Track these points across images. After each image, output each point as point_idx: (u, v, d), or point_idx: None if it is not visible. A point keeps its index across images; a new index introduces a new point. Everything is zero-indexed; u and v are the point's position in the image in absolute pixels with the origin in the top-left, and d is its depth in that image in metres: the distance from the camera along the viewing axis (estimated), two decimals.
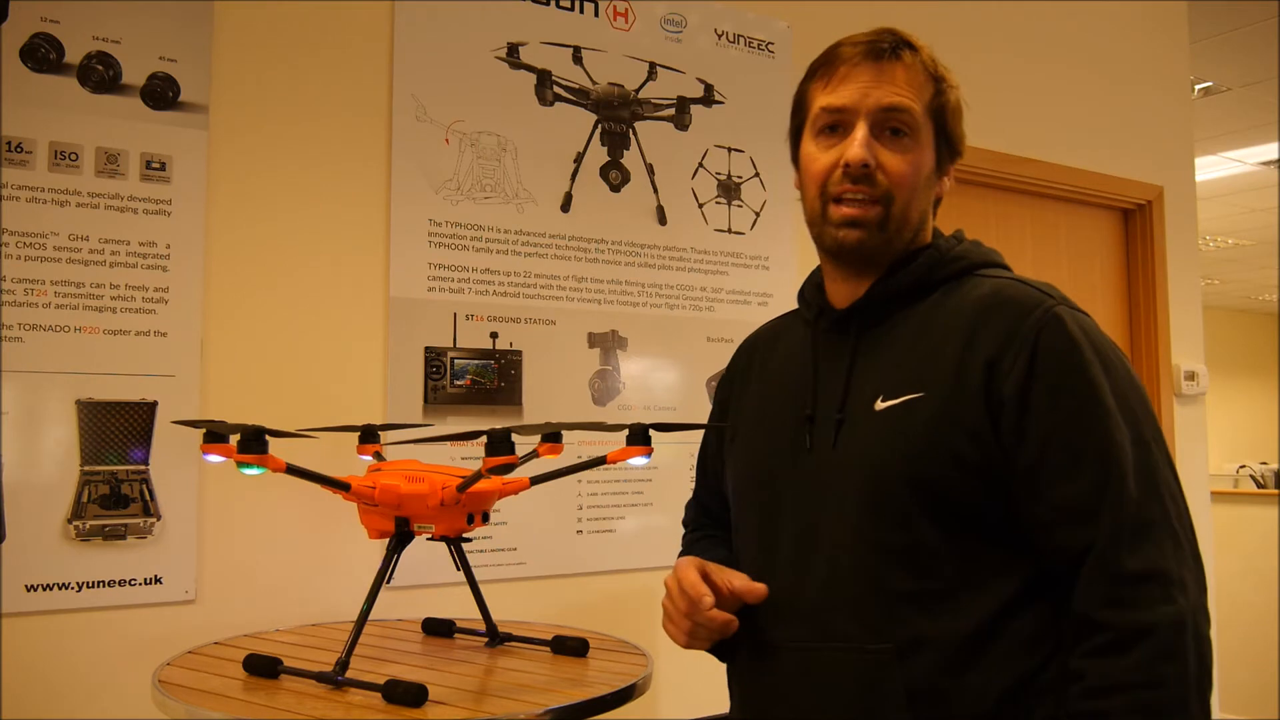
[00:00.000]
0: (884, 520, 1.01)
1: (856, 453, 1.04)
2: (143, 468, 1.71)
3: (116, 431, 1.69)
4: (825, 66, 1.08)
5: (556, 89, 2.17)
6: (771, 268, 2.41)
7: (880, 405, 1.03)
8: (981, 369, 0.99)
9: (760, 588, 1.08)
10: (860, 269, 1.09)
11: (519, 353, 2.08)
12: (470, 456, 1.95)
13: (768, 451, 1.14)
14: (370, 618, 1.34)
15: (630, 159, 2.26)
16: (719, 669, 1.22)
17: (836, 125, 1.06)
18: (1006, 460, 0.98)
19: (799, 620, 1.06)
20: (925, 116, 1.05)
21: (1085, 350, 0.98)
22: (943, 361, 1.01)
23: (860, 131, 1.03)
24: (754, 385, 1.24)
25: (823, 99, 1.07)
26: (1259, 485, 6.75)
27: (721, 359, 2.35)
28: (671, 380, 2.27)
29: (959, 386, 0.99)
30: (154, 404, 1.72)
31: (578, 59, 2.20)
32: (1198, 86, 4.38)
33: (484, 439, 1.26)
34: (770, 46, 2.46)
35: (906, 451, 1.00)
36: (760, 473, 1.15)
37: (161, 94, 1.77)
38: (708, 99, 2.36)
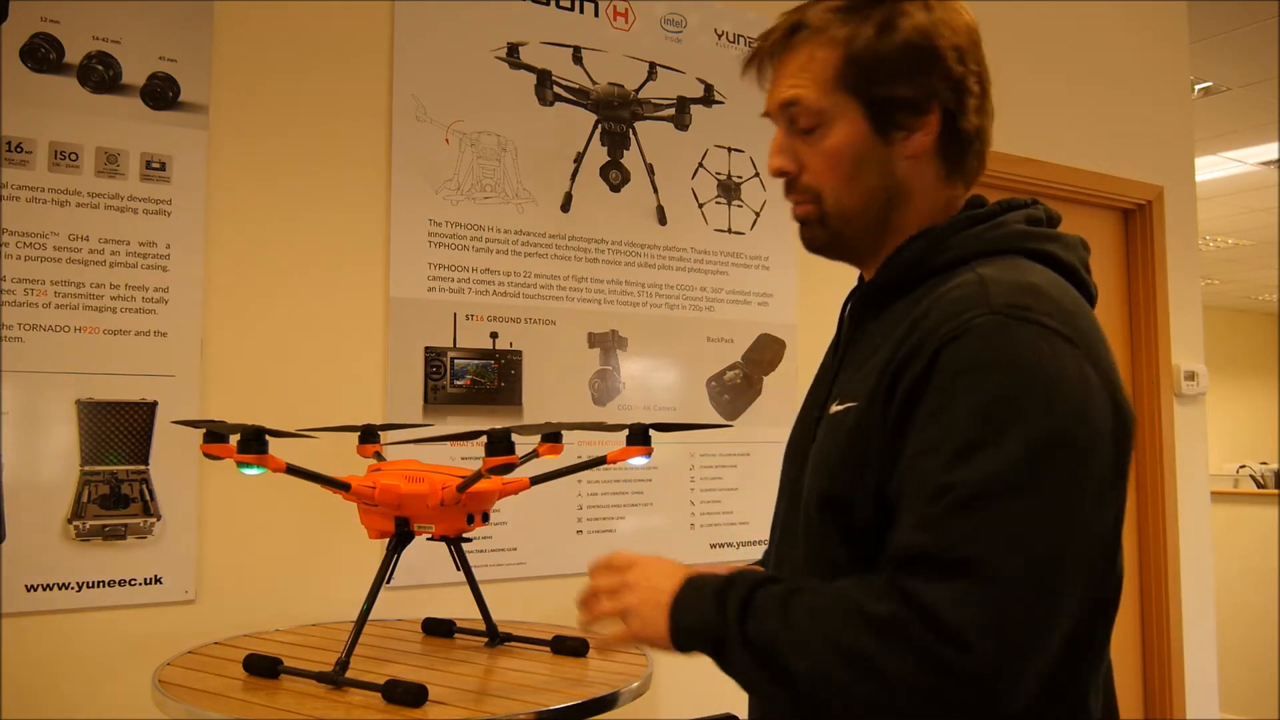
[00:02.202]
0: (809, 533, 0.94)
1: (816, 454, 0.96)
2: (143, 468, 1.71)
3: (116, 431, 1.69)
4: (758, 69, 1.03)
5: (556, 89, 2.17)
6: (771, 268, 2.41)
7: (832, 409, 0.94)
8: (889, 384, 0.86)
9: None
10: (856, 261, 1.03)
11: (519, 353, 2.08)
12: (470, 456, 1.95)
13: (792, 437, 1.09)
14: (370, 618, 1.34)
15: (630, 159, 2.26)
16: (719, 669, 1.21)
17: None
18: (887, 485, 0.86)
19: None
20: (831, 92, 0.94)
21: (978, 370, 0.80)
22: (873, 372, 0.89)
23: (776, 138, 0.99)
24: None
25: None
26: (1259, 485, 6.75)
27: (721, 359, 2.36)
28: (671, 380, 2.27)
29: (873, 399, 0.88)
30: (154, 404, 1.72)
31: (578, 59, 2.20)
32: (1198, 86, 4.38)
33: (484, 439, 1.26)
34: None
35: (826, 466, 0.92)
36: (785, 456, 1.10)
37: (161, 94, 1.77)
38: (708, 99, 2.36)
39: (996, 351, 0.81)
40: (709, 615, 0.88)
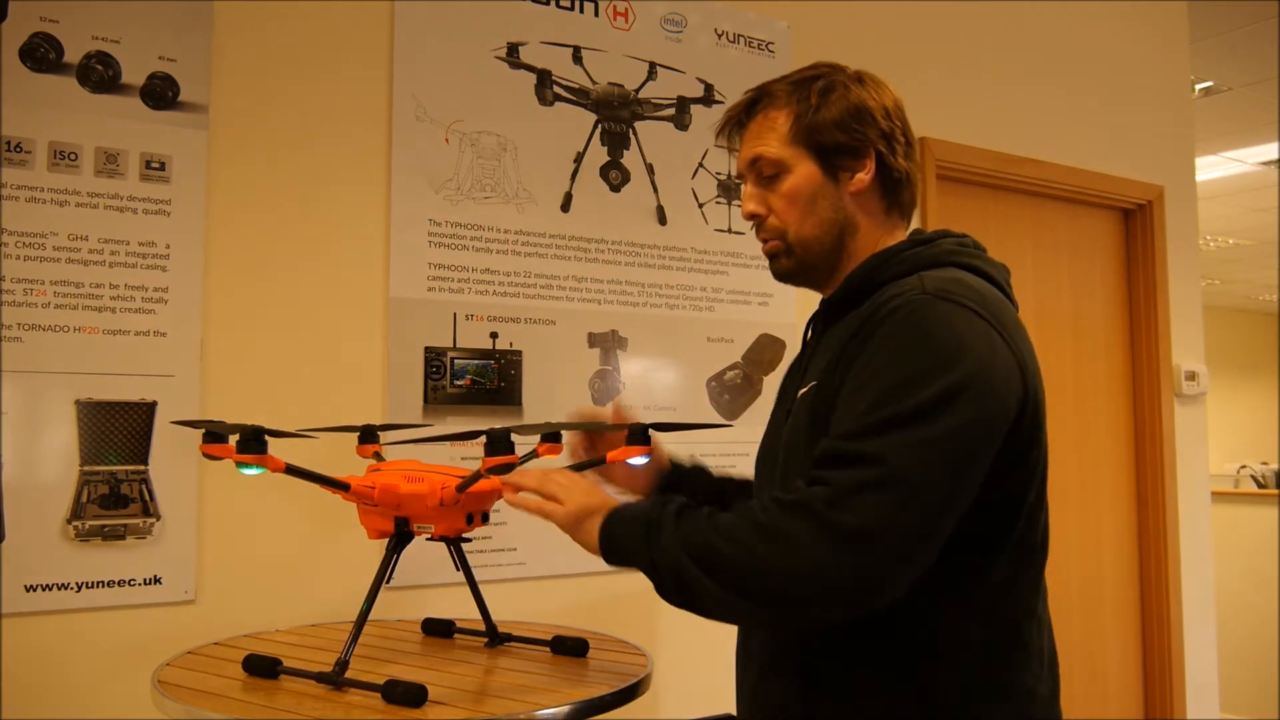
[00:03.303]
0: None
1: (786, 434, 1.15)
2: (142, 468, 1.70)
3: (116, 431, 1.69)
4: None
5: (556, 89, 2.17)
6: None
7: (800, 393, 1.14)
8: (837, 357, 1.07)
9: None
10: (818, 285, 1.22)
11: (519, 353, 2.08)
12: (470, 456, 1.94)
13: (769, 426, 1.27)
14: (370, 618, 1.34)
15: (630, 159, 2.26)
16: (719, 669, 1.22)
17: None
18: None
19: None
20: (789, 145, 1.16)
21: (905, 331, 1.01)
22: (831, 353, 1.09)
23: (745, 188, 1.22)
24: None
25: None
26: (1259, 485, 6.75)
27: (721, 359, 2.35)
28: (671, 380, 2.27)
29: (828, 373, 1.08)
30: (154, 404, 1.72)
31: (578, 59, 2.20)
32: (1198, 86, 4.38)
33: (484, 439, 1.26)
34: (770, 46, 2.46)
35: (797, 435, 1.11)
36: (758, 464, 1.28)
37: (161, 94, 1.77)
38: (708, 99, 2.36)
39: (920, 318, 1.01)
40: (646, 509, 1.07)
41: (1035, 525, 1.08)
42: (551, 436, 1.39)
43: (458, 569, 1.50)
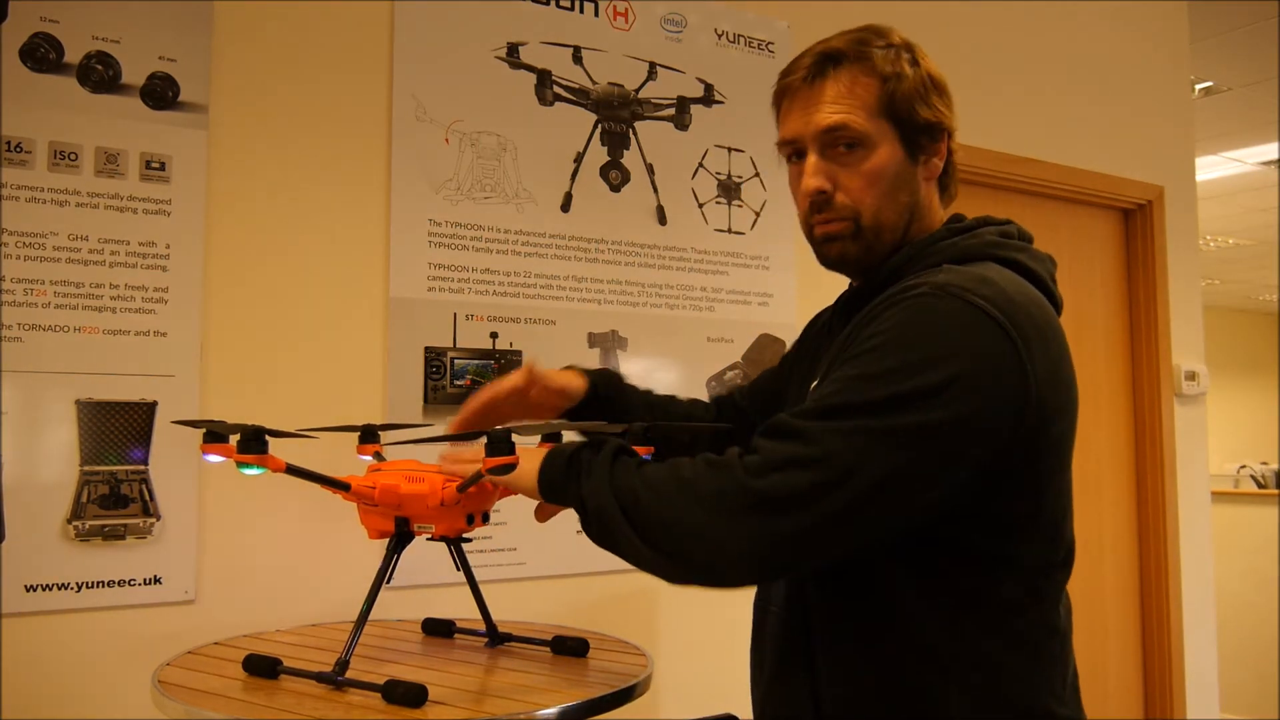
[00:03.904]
0: None
1: None
2: (143, 468, 1.70)
3: (116, 431, 1.69)
4: (775, 99, 1.14)
5: (556, 89, 2.17)
6: (771, 268, 2.41)
7: (813, 386, 1.07)
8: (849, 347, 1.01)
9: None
10: (865, 274, 1.13)
11: (519, 353, 2.08)
12: None
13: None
14: (370, 618, 1.34)
15: (630, 159, 2.26)
16: (719, 669, 1.22)
17: (799, 153, 1.10)
18: None
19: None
20: (874, 118, 1.05)
21: (901, 326, 0.94)
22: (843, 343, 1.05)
23: (810, 160, 1.07)
24: (794, 357, 1.34)
25: (780, 133, 1.13)
26: (1259, 485, 6.75)
27: (721, 359, 2.35)
28: (671, 380, 2.27)
29: (832, 364, 1.03)
30: (154, 404, 1.72)
31: (578, 59, 2.20)
32: (1198, 86, 4.38)
33: (484, 439, 1.26)
34: (770, 46, 2.46)
35: None
36: None
37: (161, 94, 1.77)
38: (708, 99, 2.36)
39: (920, 314, 0.94)
40: (579, 448, 1.06)
41: (1056, 543, 1.02)
42: (552, 436, 1.39)
43: (458, 569, 1.50)
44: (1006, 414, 0.92)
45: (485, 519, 1.43)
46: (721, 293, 2.35)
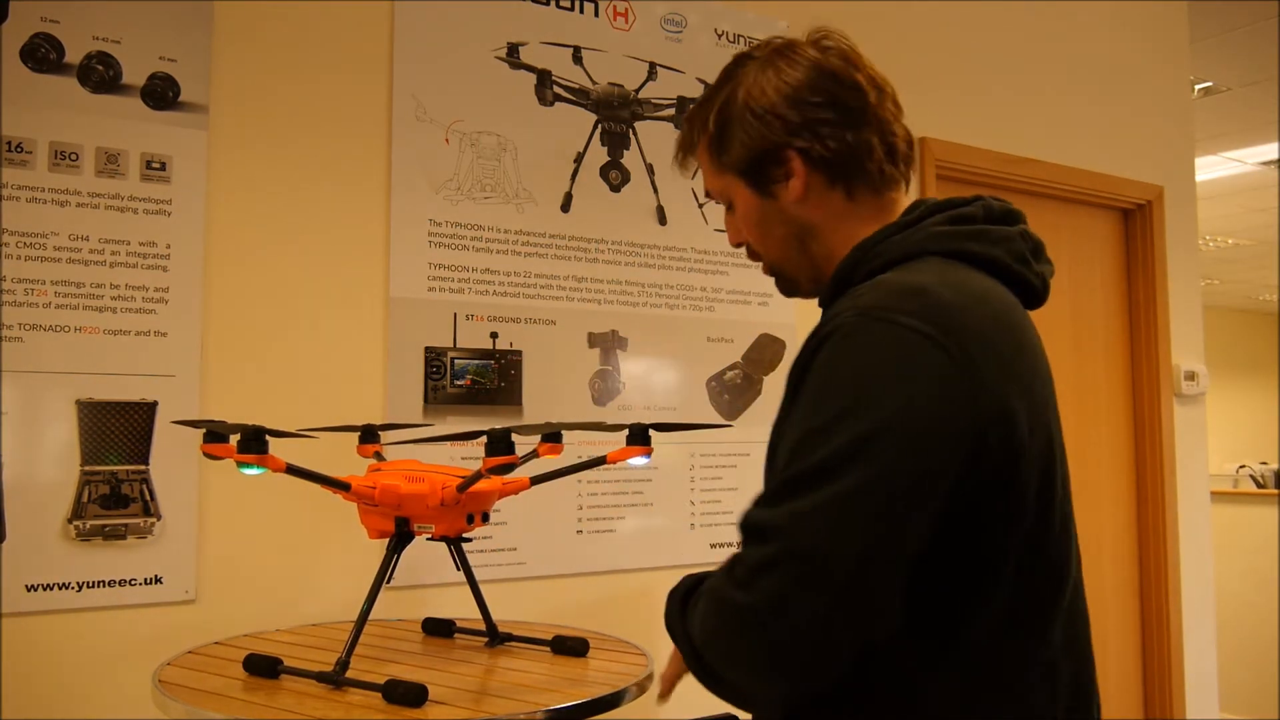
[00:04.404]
0: None
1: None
2: (143, 468, 1.71)
3: (116, 431, 1.69)
4: None
5: (556, 89, 2.17)
6: None
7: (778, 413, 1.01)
8: (789, 384, 0.94)
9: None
10: (812, 296, 1.12)
11: (519, 353, 2.08)
12: (470, 456, 1.95)
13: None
14: (370, 618, 1.34)
15: (630, 159, 2.26)
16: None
17: None
18: None
19: None
20: (723, 173, 1.07)
21: (834, 367, 0.86)
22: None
23: (725, 217, 1.13)
24: None
25: None
26: (1259, 485, 6.75)
27: (721, 359, 2.36)
28: (671, 380, 2.27)
29: (781, 403, 0.96)
30: (154, 404, 1.72)
31: (578, 59, 2.20)
32: (1198, 86, 4.38)
33: (484, 439, 1.26)
34: None
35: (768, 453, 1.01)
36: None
37: (161, 94, 1.77)
38: None
39: (845, 349, 0.86)
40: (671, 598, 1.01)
41: (1031, 572, 0.92)
42: (552, 436, 1.39)
43: (458, 569, 1.50)
44: (958, 441, 0.84)
45: (485, 519, 1.44)
46: (721, 293, 2.35)
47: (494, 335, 2.05)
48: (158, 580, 1.71)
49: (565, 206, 2.16)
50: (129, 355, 1.71)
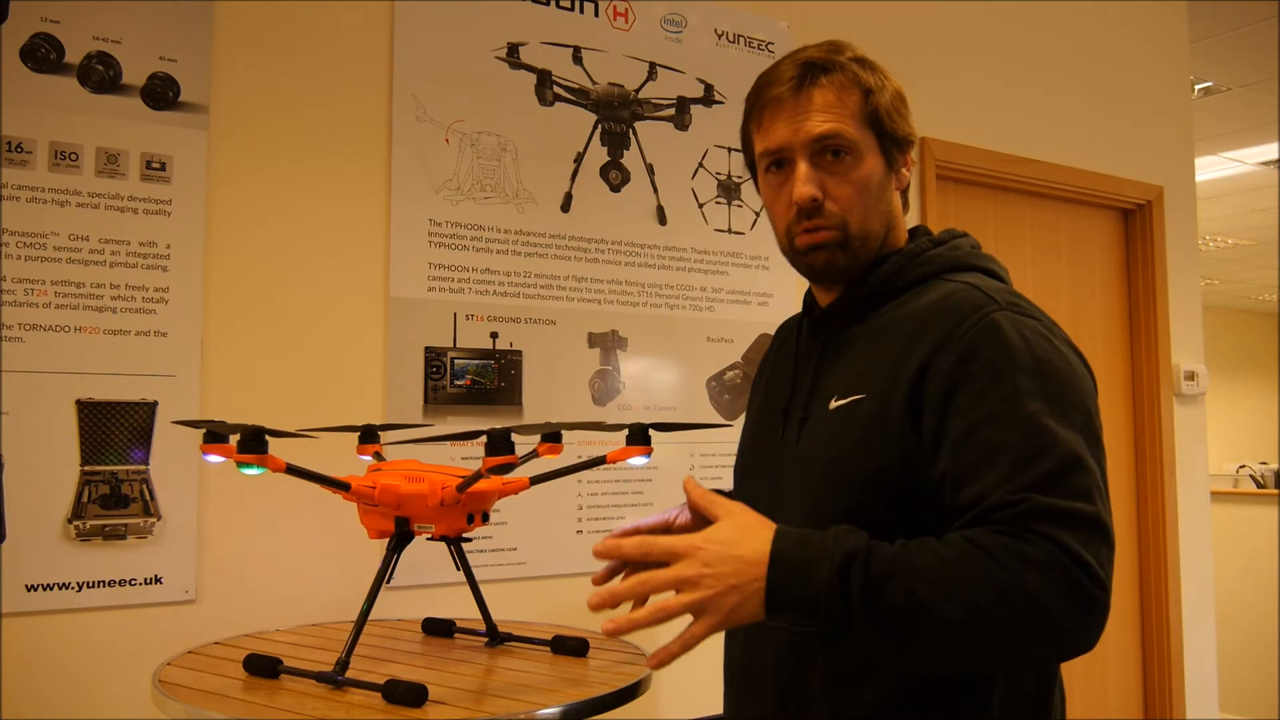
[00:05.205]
0: (826, 516, 0.97)
1: (811, 449, 1.08)
2: (143, 468, 1.71)
3: (116, 431, 1.69)
4: (755, 110, 1.12)
5: (556, 89, 2.17)
6: (771, 268, 2.41)
7: (833, 405, 1.06)
8: (914, 374, 0.99)
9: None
10: (844, 282, 1.13)
11: (519, 353, 2.08)
12: (470, 456, 1.95)
13: (754, 441, 1.22)
14: (370, 618, 1.34)
15: (630, 159, 2.26)
16: (719, 670, 1.22)
17: (781, 162, 1.09)
18: (931, 462, 0.97)
19: None
20: (860, 127, 1.06)
21: (1018, 355, 0.96)
22: (886, 365, 1.02)
23: (800, 168, 1.06)
24: (767, 371, 1.29)
25: (759, 143, 1.11)
26: (1259, 485, 6.74)
27: (721, 359, 2.36)
28: (671, 380, 2.28)
29: (893, 390, 1.00)
30: (154, 404, 1.72)
31: (578, 59, 2.20)
32: (1198, 86, 4.38)
33: (484, 439, 1.26)
34: (770, 46, 2.46)
35: (843, 451, 1.03)
36: (747, 460, 1.22)
37: (161, 94, 1.77)
38: (708, 99, 2.36)
39: (1021, 340, 0.97)
40: (821, 594, 0.87)
41: None
42: (551, 436, 1.39)
43: (458, 569, 1.50)
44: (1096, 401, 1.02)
45: (485, 519, 1.44)
46: (721, 293, 2.35)
47: (494, 335, 2.05)
48: (158, 580, 1.71)
49: (565, 206, 2.16)
50: (129, 355, 1.71)
